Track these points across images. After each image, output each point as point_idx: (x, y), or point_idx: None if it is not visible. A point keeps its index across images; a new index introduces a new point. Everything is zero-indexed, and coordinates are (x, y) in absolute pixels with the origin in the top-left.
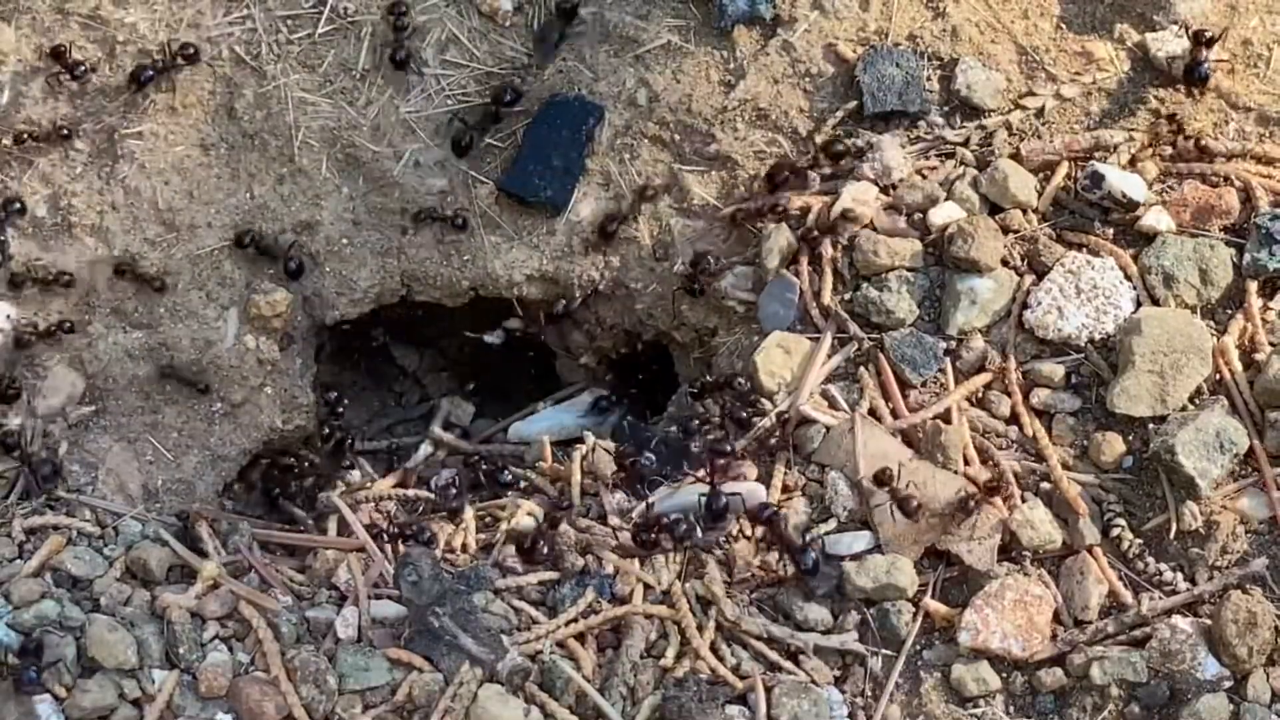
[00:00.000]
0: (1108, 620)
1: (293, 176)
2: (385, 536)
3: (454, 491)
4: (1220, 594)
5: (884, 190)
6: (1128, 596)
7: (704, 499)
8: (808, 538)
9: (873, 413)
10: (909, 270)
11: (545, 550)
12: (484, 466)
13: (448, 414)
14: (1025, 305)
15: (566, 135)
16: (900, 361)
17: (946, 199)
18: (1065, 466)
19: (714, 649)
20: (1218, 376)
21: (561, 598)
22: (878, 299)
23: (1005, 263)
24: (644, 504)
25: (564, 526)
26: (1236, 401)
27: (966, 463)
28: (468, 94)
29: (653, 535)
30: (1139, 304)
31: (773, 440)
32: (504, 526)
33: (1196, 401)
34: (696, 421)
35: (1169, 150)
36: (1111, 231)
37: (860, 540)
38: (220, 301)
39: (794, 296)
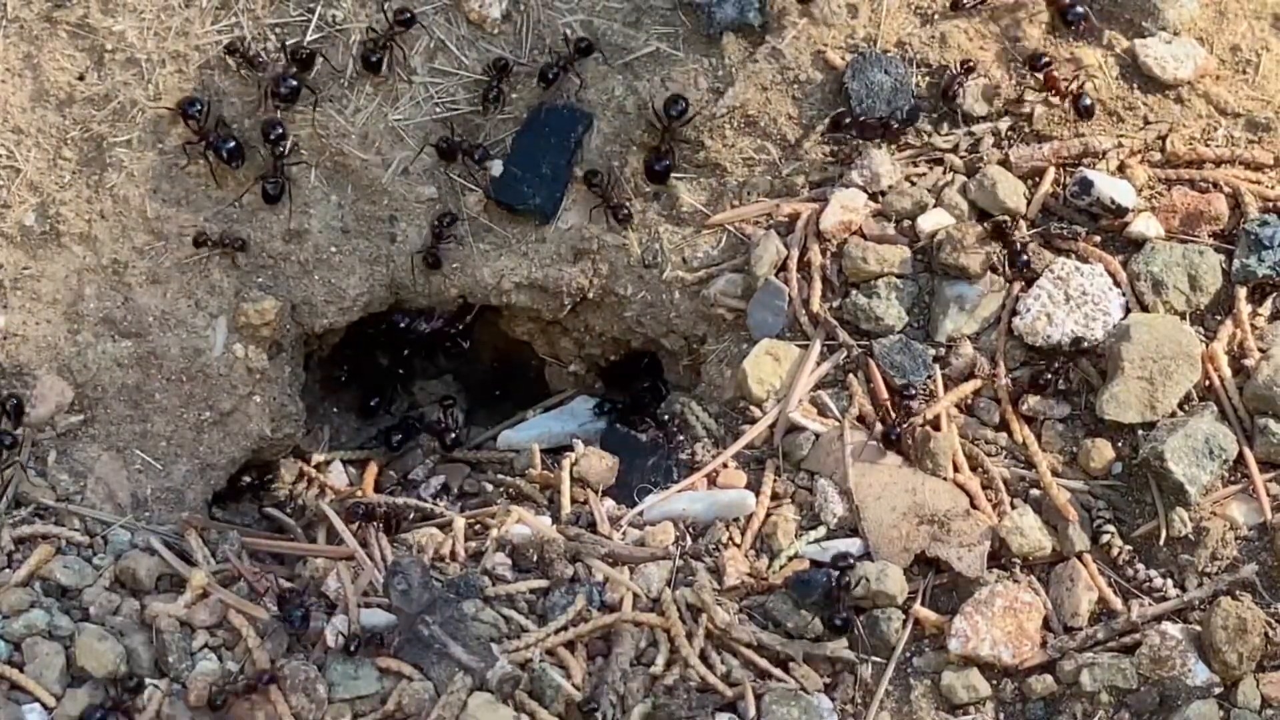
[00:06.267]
0: (1097, 627)
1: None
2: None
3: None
4: (1210, 600)
5: (872, 197)
6: (1117, 603)
7: None
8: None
9: (862, 420)
10: (898, 277)
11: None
12: None
13: (435, 421)
14: (1014, 312)
15: (555, 143)
16: (889, 368)
17: (935, 205)
18: (1054, 473)
19: (703, 657)
20: (1207, 383)
21: (551, 606)
22: (867, 306)
23: (994, 269)
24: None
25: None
26: (1226, 407)
27: (956, 470)
28: (456, 102)
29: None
30: (1128, 310)
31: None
32: (494, 534)
33: (1186, 408)
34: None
35: (1158, 156)
36: (1100, 238)
37: (850, 547)
38: (209, 310)
39: (783, 304)
